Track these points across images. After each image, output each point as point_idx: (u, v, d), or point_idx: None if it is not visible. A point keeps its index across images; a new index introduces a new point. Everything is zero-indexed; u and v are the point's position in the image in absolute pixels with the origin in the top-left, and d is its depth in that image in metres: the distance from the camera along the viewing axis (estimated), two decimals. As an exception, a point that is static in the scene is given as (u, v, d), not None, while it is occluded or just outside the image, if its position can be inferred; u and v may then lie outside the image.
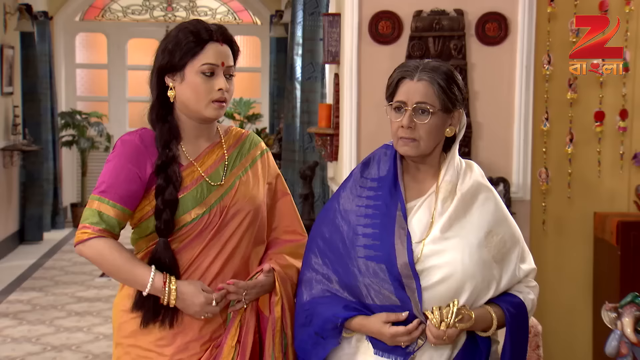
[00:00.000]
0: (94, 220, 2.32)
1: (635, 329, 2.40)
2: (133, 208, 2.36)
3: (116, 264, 2.31)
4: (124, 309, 2.40)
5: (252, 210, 2.41)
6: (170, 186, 2.32)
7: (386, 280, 2.19)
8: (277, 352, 2.36)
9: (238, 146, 2.48)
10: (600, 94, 4.46)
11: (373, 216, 2.25)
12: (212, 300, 2.29)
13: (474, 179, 2.30)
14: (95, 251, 2.31)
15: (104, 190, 2.33)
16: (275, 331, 2.36)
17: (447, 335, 2.14)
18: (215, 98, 2.34)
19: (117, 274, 2.35)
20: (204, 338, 2.35)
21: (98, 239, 2.31)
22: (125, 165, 2.34)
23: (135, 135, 2.39)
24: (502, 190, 4.26)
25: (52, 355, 5.33)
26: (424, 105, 2.21)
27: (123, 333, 2.40)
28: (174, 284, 2.29)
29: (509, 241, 2.28)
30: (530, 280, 2.36)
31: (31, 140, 9.01)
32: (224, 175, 2.41)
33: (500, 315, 2.24)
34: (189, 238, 2.35)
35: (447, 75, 2.23)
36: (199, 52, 2.33)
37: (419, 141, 2.23)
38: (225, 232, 2.37)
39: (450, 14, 4.30)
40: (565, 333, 4.58)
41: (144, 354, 2.36)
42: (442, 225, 2.22)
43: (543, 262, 4.54)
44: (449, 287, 2.18)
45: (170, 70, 2.37)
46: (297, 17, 6.34)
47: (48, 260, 8.31)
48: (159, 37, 2.63)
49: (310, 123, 5.94)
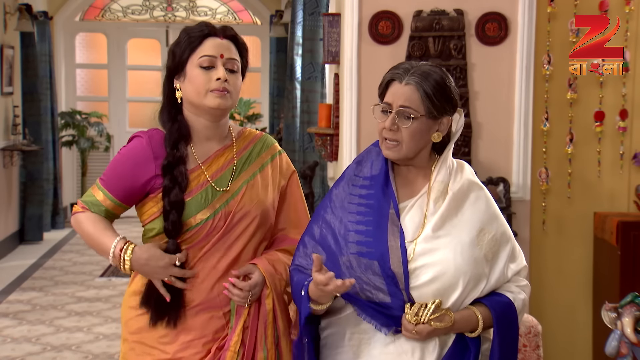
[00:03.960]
0: (87, 199, 2.45)
1: (635, 329, 2.40)
2: (129, 204, 2.43)
3: (89, 233, 2.42)
4: (131, 306, 2.43)
5: (260, 214, 2.42)
6: (176, 187, 2.33)
7: (378, 275, 2.20)
8: (269, 344, 2.37)
9: (249, 149, 2.48)
10: (600, 94, 4.47)
11: (366, 214, 2.26)
12: (175, 260, 2.33)
13: (465, 178, 2.31)
14: (76, 222, 2.46)
15: (103, 179, 2.44)
16: (267, 323, 2.37)
17: (416, 329, 2.17)
18: (214, 87, 2.34)
19: (91, 243, 2.44)
20: (206, 337, 2.36)
21: (83, 212, 2.44)
22: (126, 163, 2.39)
23: (145, 135, 2.42)
24: (502, 190, 4.26)
25: (52, 355, 5.33)
26: (407, 110, 2.21)
27: (129, 329, 2.43)
28: (130, 250, 2.35)
29: (500, 239, 2.29)
30: (521, 279, 2.35)
31: (31, 140, 9.01)
32: (230, 180, 2.41)
33: (487, 315, 2.24)
34: (195, 241, 2.37)
35: (437, 82, 2.22)
36: (197, 47, 2.35)
37: (401, 144, 2.23)
38: (231, 235, 2.38)
39: (450, 14, 4.30)
40: (565, 333, 4.58)
41: (148, 351, 2.38)
42: (434, 224, 2.23)
43: (543, 262, 4.54)
44: (441, 285, 2.19)
45: (176, 71, 2.39)
46: (297, 17, 6.34)
47: (48, 260, 8.31)
48: (159, 37, 2.65)
49: (310, 123, 5.94)
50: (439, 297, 2.19)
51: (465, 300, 2.23)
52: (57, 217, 9.91)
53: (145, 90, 11.02)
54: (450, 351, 2.24)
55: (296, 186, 2.56)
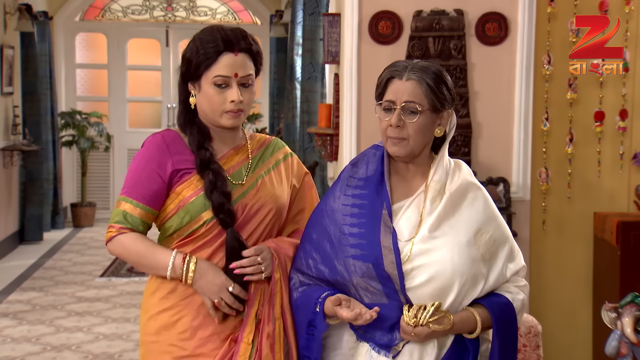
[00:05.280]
0: (119, 219, 2.39)
1: (635, 329, 2.40)
2: (158, 207, 2.41)
3: (139, 253, 2.38)
4: (149, 307, 2.44)
5: (275, 207, 2.44)
6: (220, 179, 2.35)
7: (374, 278, 2.20)
8: (277, 314, 2.37)
9: (262, 150, 2.52)
10: (600, 94, 4.47)
11: (359, 215, 2.26)
12: (231, 285, 2.32)
13: (463, 178, 2.30)
14: (119, 245, 2.39)
15: (128, 191, 2.40)
16: (275, 292, 2.37)
17: (414, 332, 2.17)
18: (228, 109, 2.37)
19: (142, 263, 2.40)
20: (224, 332, 2.37)
21: (121, 235, 2.38)
22: (147, 166, 2.39)
23: (158, 136, 2.44)
24: (502, 190, 4.26)
25: (52, 355, 5.33)
26: (412, 105, 2.21)
27: (146, 331, 2.44)
28: (194, 260, 2.34)
29: (498, 239, 2.28)
30: (520, 280, 2.35)
31: (31, 140, 9.01)
32: (246, 175, 2.44)
33: (485, 317, 2.24)
34: (212, 233, 2.37)
35: (436, 75, 2.24)
36: (212, 64, 2.35)
37: (407, 140, 2.23)
38: (248, 227, 2.40)
39: (450, 14, 4.30)
40: (565, 333, 4.58)
41: (167, 349, 2.38)
42: (430, 224, 2.23)
43: (543, 262, 4.54)
44: (438, 286, 2.19)
45: (190, 78, 2.40)
46: (297, 17, 6.35)
47: (48, 260, 8.30)
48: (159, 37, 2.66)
49: (310, 123, 5.94)
50: (436, 298, 2.19)
51: (464, 301, 2.23)
52: (57, 217, 9.91)
53: (145, 90, 11.02)
54: (448, 352, 2.24)
55: (312, 187, 2.60)
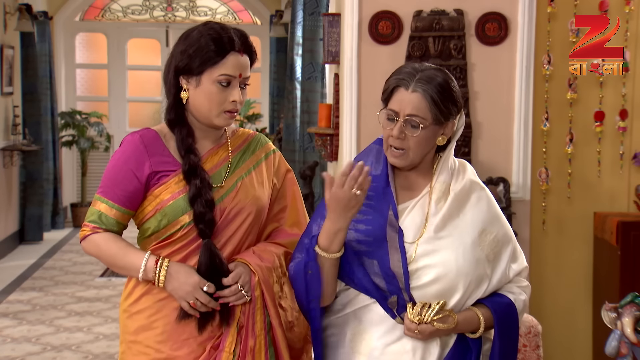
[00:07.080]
0: (93, 218, 2.38)
1: (635, 329, 2.40)
2: (134, 208, 2.38)
3: (112, 253, 2.36)
4: (125, 308, 2.42)
5: (255, 210, 2.41)
6: (205, 187, 2.32)
7: (378, 274, 2.21)
8: (257, 331, 2.34)
9: (243, 148, 2.48)
10: (600, 94, 4.46)
11: (365, 212, 2.25)
12: (204, 284, 2.29)
13: (467, 179, 2.31)
14: (93, 245, 2.37)
15: (104, 190, 2.37)
16: (256, 309, 2.34)
17: (419, 329, 2.17)
18: (228, 109, 2.36)
19: (115, 264, 2.38)
20: (201, 337, 2.35)
21: (95, 234, 2.37)
22: (124, 166, 2.35)
23: (137, 135, 2.39)
24: (502, 190, 4.26)
25: (52, 355, 5.33)
26: (415, 119, 2.20)
27: (126, 330, 2.42)
28: (166, 263, 2.31)
29: (502, 240, 2.29)
30: (522, 280, 2.35)
31: (31, 140, 9.01)
32: (225, 176, 2.40)
33: (488, 317, 2.25)
34: (189, 238, 2.35)
35: (442, 87, 2.21)
36: (218, 62, 2.32)
37: (407, 151, 2.23)
38: (226, 232, 2.37)
39: (450, 14, 4.30)
40: (565, 333, 4.58)
41: (144, 350, 2.37)
42: (435, 225, 2.23)
43: (543, 262, 4.54)
44: (443, 287, 2.19)
45: (186, 72, 2.35)
46: (297, 17, 6.34)
47: (48, 260, 8.31)
48: (159, 37, 2.63)
49: (310, 123, 5.94)
50: (440, 298, 2.19)
51: (468, 302, 2.24)
52: (57, 217, 9.91)
53: (145, 90, 11.01)
54: (451, 351, 2.25)
55: (293, 185, 2.55)
